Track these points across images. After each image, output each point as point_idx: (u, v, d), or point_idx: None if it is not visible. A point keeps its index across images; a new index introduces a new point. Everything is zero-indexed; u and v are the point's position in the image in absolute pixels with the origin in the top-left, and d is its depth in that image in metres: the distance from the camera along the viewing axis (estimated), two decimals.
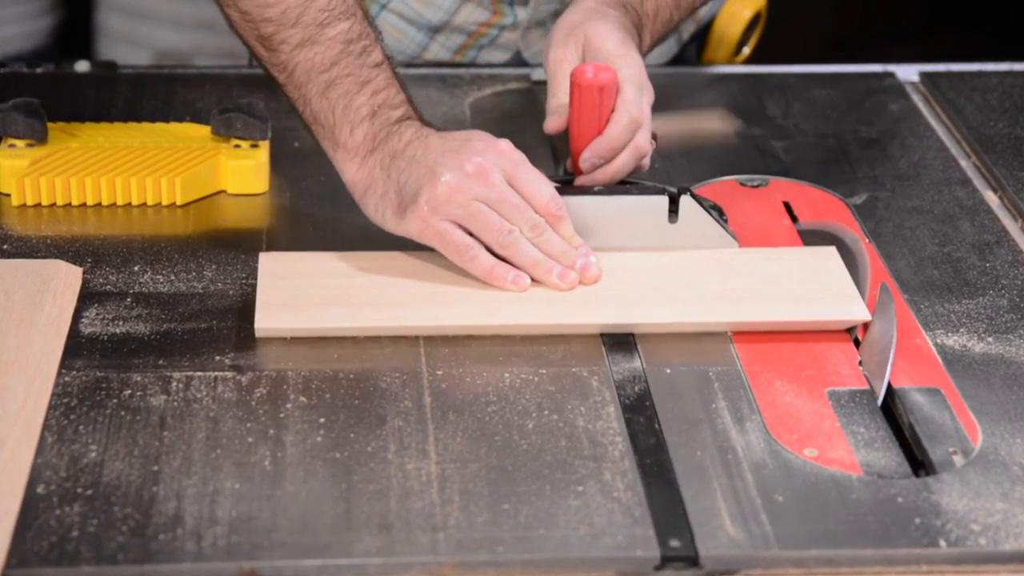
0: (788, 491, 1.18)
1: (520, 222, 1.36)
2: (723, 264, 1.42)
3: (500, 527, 1.14)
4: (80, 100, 1.71)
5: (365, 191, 1.39)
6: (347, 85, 1.39)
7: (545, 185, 1.38)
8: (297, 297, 1.36)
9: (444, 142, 1.38)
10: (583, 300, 1.37)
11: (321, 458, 1.20)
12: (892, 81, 1.83)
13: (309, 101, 1.40)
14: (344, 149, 1.39)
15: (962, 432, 1.25)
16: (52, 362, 1.28)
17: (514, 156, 1.38)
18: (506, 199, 1.36)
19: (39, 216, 1.50)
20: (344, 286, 1.37)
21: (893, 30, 3.28)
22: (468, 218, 1.35)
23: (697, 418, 1.26)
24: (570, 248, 1.38)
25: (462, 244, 1.36)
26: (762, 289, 1.39)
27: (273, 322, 1.33)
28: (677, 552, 1.13)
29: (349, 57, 1.39)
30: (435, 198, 1.35)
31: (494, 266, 1.36)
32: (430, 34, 1.80)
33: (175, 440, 1.21)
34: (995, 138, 1.70)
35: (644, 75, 1.47)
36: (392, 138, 1.38)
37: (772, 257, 1.44)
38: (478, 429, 1.23)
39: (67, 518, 1.13)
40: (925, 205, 1.58)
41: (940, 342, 1.36)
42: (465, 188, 1.34)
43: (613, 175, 1.46)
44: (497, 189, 1.35)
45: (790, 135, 1.70)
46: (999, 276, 1.46)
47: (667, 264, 1.42)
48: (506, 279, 1.36)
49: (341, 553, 1.11)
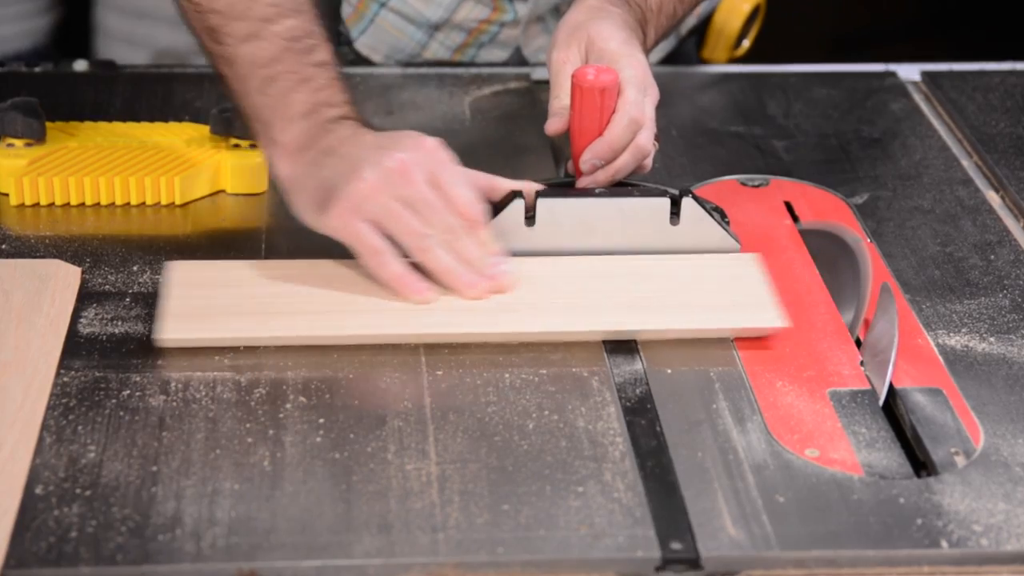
0: (789, 492, 1.18)
1: (437, 224, 1.34)
2: (640, 271, 1.40)
3: (500, 528, 1.14)
4: (79, 99, 1.70)
5: (293, 188, 1.38)
6: (287, 82, 1.37)
7: (467, 189, 1.36)
8: (204, 307, 1.33)
9: (375, 140, 1.37)
10: (495, 309, 1.35)
11: (321, 459, 1.19)
12: (893, 80, 1.82)
13: (249, 95, 1.39)
14: (278, 146, 1.38)
15: (964, 432, 1.25)
16: (51, 363, 1.28)
17: (440, 156, 1.36)
18: (425, 200, 1.34)
19: (38, 216, 1.50)
20: (254, 295, 1.35)
21: (894, 29, 3.28)
22: (386, 218, 1.33)
23: (698, 419, 1.25)
24: (485, 255, 1.36)
25: (374, 248, 1.34)
26: (676, 296, 1.37)
27: (177, 332, 1.31)
28: (678, 554, 1.12)
29: (292, 54, 1.38)
30: (355, 195, 1.33)
31: (403, 275, 1.34)
32: (430, 32, 1.80)
33: (174, 440, 1.21)
34: (997, 138, 1.70)
35: (648, 75, 1.46)
36: (326, 136, 1.37)
37: (691, 264, 1.42)
38: (478, 429, 1.23)
39: (66, 519, 1.13)
40: (927, 205, 1.57)
41: (942, 342, 1.36)
42: (386, 187, 1.33)
43: (613, 176, 1.45)
44: (417, 189, 1.33)
45: (791, 135, 1.70)
46: (1001, 276, 1.46)
47: (583, 271, 1.40)
48: (411, 290, 1.34)
49: (341, 554, 1.11)
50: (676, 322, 1.34)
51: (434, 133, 1.38)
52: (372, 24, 1.81)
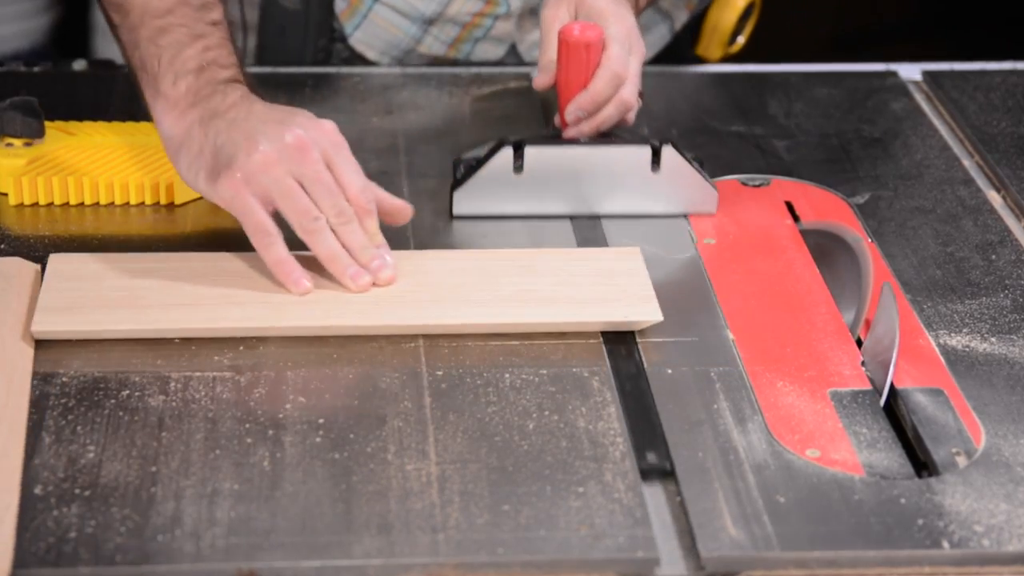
0: (790, 492, 1.17)
1: (328, 206, 1.33)
2: (524, 265, 1.41)
3: (500, 528, 1.13)
4: (78, 99, 1.70)
5: (180, 147, 1.36)
6: (179, 35, 1.37)
7: (360, 176, 1.35)
8: (80, 299, 1.33)
9: (268, 112, 1.36)
10: (373, 302, 1.35)
11: (320, 459, 1.19)
12: (894, 80, 1.82)
13: (139, 45, 1.38)
14: (165, 99, 1.37)
15: (965, 433, 1.25)
16: (27, 358, 1.27)
17: (336, 139, 1.35)
18: (320, 179, 1.33)
19: (36, 215, 1.50)
20: (131, 287, 1.35)
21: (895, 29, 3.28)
22: (279, 194, 1.33)
23: (698, 419, 1.25)
24: (370, 245, 1.36)
25: (262, 228, 1.33)
26: (558, 290, 1.37)
27: (51, 325, 1.30)
28: (654, 466, 1.18)
29: (187, 8, 1.38)
30: (250, 166, 1.32)
31: (284, 260, 1.34)
32: (424, 26, 1.80)
33: (173, 441, 1.21)
34: (998, 137, 1.70)
35: (634, 33, 1.51)
36: (215, 96, 1.36)
37: (575, 257, 1.43)
38: (478, 430, 1.23)
39: (65, 519, 1.12)
40: (928, 205, 1.57)
41: (943, 342, 1.36)
42: (281, 161, 1.32)
43: (597, 127, 1.50)
44: (313, 168, 1.33)
45: (792, 134, 1.69)
46: (1002, 276, 1.45)
47: (468, 265, 1.40)
48: (289, 278, 1.34)
49: (340, 554, 1.11)
50: (548, 316, 1.35)
51: (434, 133, 1.38)
52: (366, 19, 1.81)
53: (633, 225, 1.50)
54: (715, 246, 1.48)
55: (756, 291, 1.42)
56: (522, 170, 1.48)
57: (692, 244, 1.48)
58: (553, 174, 1.49)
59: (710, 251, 1.48)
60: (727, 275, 1.44)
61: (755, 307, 1.40)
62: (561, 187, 1.50)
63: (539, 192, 1.49)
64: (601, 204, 1.51)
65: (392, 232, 1.39)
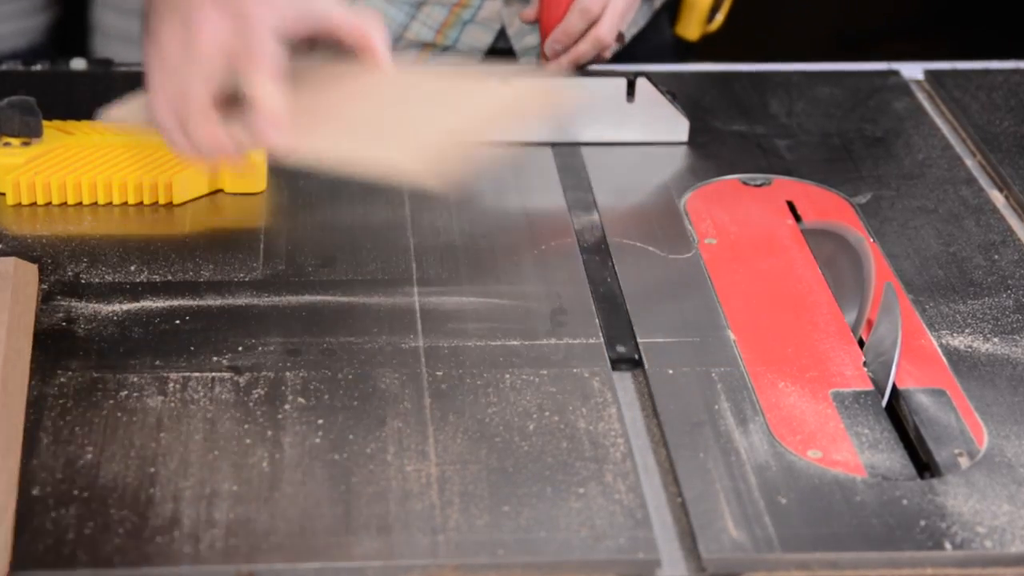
0: (792, 493, 1.17)
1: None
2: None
3: (501, 529, 1.13)
4: (76, 98, 1.69)
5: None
6: None
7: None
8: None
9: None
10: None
11: (320, 460, 1.19)
12: (896, 79, 1.82)
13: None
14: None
15: (968, 434, 1.24)
16: (24, 359, 1.27)
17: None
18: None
19: (35, 215, 1.49)
20: None
21: (897, 28, 3.28)
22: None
23: (699, 419, 1.25)
24: None
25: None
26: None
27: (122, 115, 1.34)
28: (623, 356, 1.28)
29: None
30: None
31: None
32: (411, 11, 1.81)
33: (172, 441, 1.20)
34: (1000, 137, 1.69)
35: None
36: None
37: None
38: (478, 431, 1.22)
39: (63, 520, 1.12)
40: (930, 204, 1.57)
41: (945, 343, 1.35)
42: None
43: (573, 61, 1.61)
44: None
45: (793, 134, 1.69)
46: (1005, 276, 1.45)
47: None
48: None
49: (340, 556, 1.11)
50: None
51: None
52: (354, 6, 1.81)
53: (614, 160, 1.61)
54: (716, 246, 1.48)
55: (757, 291, 1.42)
56: None
57: (693, 244, 1.48)
58: None
59: (711, 251, 1.47)
60: (728, 275, 1.44)
61: (756, 307, 1.39)
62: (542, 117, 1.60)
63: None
64: (579, 132, 1.63)
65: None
